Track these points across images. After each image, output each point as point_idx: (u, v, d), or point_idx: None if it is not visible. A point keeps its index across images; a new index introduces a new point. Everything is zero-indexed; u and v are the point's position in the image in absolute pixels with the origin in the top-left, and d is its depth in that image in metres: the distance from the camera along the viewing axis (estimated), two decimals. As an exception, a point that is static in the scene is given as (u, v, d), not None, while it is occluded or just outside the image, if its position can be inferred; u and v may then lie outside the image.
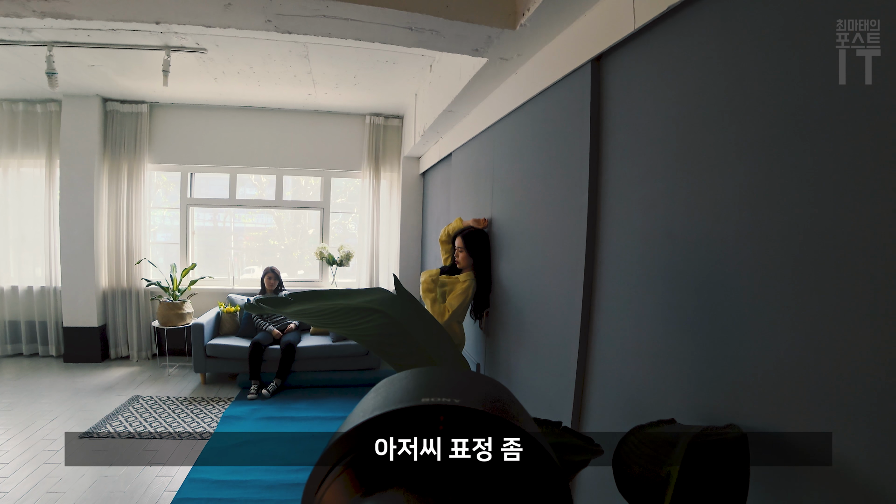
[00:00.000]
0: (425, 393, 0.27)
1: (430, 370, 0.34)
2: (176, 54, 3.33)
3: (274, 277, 4.62)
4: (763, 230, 0.86)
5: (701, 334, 1.02)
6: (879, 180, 0.66)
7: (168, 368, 4.61)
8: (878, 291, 0.67)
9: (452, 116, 3.04)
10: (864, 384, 0.69)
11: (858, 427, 0.70)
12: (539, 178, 1.92)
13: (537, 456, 0.25)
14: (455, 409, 0.25)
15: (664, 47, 1.18)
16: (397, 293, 0.86)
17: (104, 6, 1.65)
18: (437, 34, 1.75)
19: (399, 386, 0.29)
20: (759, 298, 0.87)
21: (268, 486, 2.65)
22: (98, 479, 2.64)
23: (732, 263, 0.94)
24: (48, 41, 3.15)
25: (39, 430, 3.19)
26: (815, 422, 0.76)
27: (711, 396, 1.00)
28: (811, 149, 0.76)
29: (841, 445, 0.72)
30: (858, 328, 0.70)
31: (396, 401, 0.26)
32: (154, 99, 4.70)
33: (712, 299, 0.99)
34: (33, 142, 4.66)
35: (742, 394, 0.91)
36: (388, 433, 0.25)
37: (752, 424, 0.88)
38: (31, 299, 4.79)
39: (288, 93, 4.34)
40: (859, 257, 0.69)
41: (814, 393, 0.77)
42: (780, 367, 0.83)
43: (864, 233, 0.68)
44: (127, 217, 4.74)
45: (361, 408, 0.28)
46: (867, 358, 0.68)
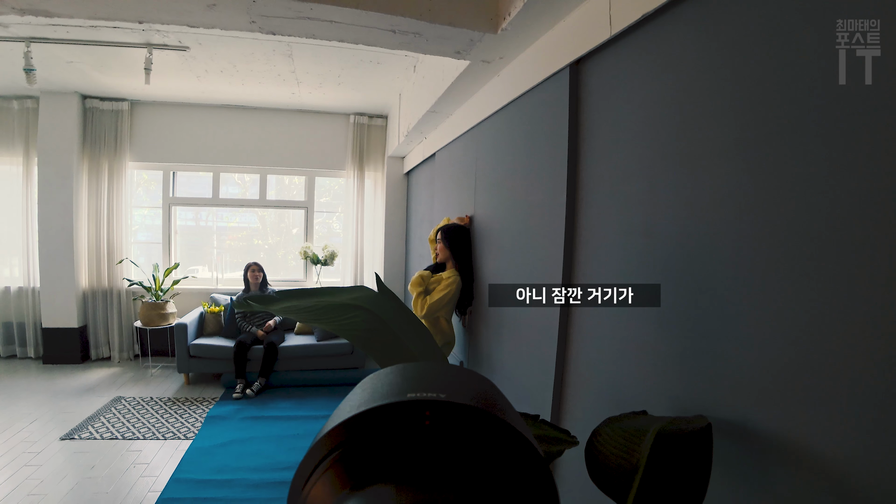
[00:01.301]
0: (411, 388, 0.27)
1: (416, 365, 0.34)
2: (158, 52, 3.30)
3: (258, 270, 4.53)
4: (743, 228, 0.90)
5: (677, 329, 1.07)
6: (879, 180, 0.68)
7: (151, 369, 4.56)
8: (862, 290, 0.69)
9: (436, 117, 3.07)
10: (842, 379, 0.72)
11: (833, 420, 0.73)
12: (520, 177, 1.96)
13: (523, 450, 0.25)
14: (441, 403, 0.25)
15: (641, 52, 1.23)
16: (379, 291, 0.89)
17: (85, 4, 1.65)
18: (419, 37, 1.78)
19: (385, 381, 0.29)
20: (735, 294, 0.91)
21: (253, 485, 2.65)
22: (80, 481, 2.61)
23: (709, 260, 0.98)
24: (25, 37, 3.10)
25: (18, 433, 3.14)
26: (790, 413, 0.80)
27: (686, 389, 1.04)
28: (809, 148, 0.77)
29: (812, 437, 0.76)
30: (835, 324, 0.72)
31: (382, 396, 0.26)
32: (135, 96, 4.63)
33: (688, 295, 1.04)
34: (9, 139, 4.56)
35: (714, 387, 0.96)
36: (375, 428, 0.25)
37: (725, 415, 0.92)
38: (8, 300, 4.69)
39: (271, 91, 4.33)
40: (853, 257, 0.71)
41: (790, 385, 0.80)
42: (754, 360, 0.87)
43: (864, 233, 0.69)
44: (108, 216, 4.67)
45: (348, 403, 0.28)
46: (847, 353, 0.71)
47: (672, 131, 1.10)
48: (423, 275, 2.59)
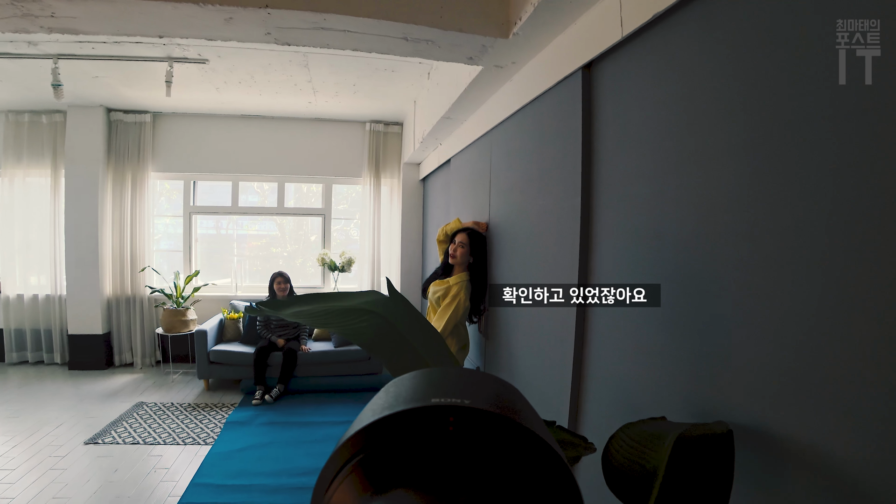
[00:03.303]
0: (435, 393, 0.27)
1: (439, 370, 0.34)
2: (178, 65, 3.39)
3: (284, 282, 4.48)
4: (753, 230, 0.88)
5: (693, 332, 1.05)
6: (879, 180, 0.67)
7: (172, 375, 4.65)
8: (873, 290, 0.68)
9: (451, 123, 3.08)
10: (855, 382, 0.70)
11: (848, 424, 0.71)
12: (534, 181, 1.96)
13: (547, 457, 0.25)
14: (464, 409, 0.25)
15: (652, 53, 1.22)
16: (390, 295, 0.90)
17: (109, 22, 1.70)
18: (432, 44, 1.79)
19: (409, 386, 0.29)
20: (749, 296, 0.89)
21: (271, 489, 2.67)
22: (103, 485, 2.66)
23: (722, 262, 0.96)
24: (54, 54, 3.21)
25: (45, 437, 3.23)
26: (805, 418, 0.78)
27: (704, 393, 1.02)
28: (810, 149, 0.76)
29: (829, 442, 0.74)
30: (850, 326, 0.71)
31: (406, 401, 0.26)
32: (157, 108, 4.76)
33: (702, 297, 1.02)
34: (38, 152, 4.72)
35: (733, 390, 0.94)
36: (398, 433, 0.25)
37: (742, 420, 0.90)
38: (36, 307, 4.83)
39: (289, 101, 4.40)
40: (856, 257, 0.70)
41: (804, 390, 0.78)
42: (770, 363, 0.85)
43: (864, 233, 0.69)
44: (131, 225, 4.79)
45: (371, 408, 0.28)
46: (859, 356, 0.69)
47: (681, 132, 1.09)
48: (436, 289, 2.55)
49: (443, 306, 2.44)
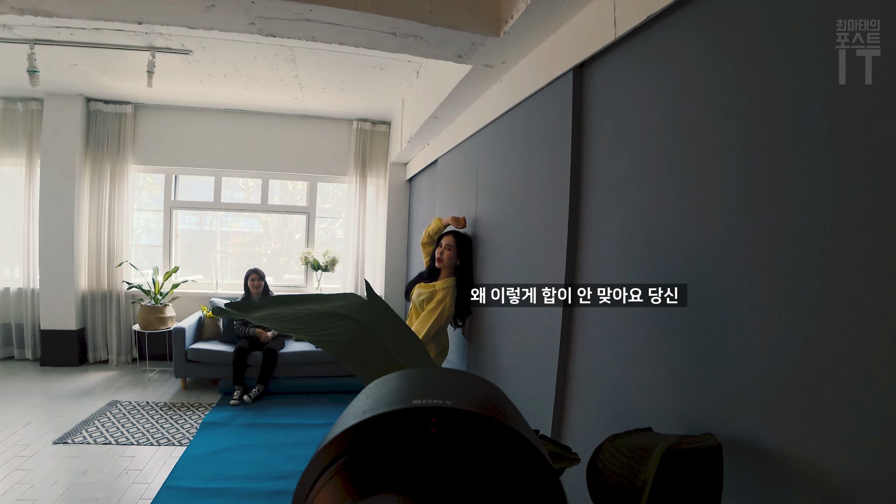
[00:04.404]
0: (417, 394, 0.27)
1: (422, 371, 0.33)
2: (161, 55, 3.29)
3: (258, 279, 4.41)
4: (749, 233, 0.86)
5: (682, 339, 1.03)
6: (879, 180, 0.66)
7: (148, 373, 4.53)
8: (872, 298, 0.66)
9: (439, 123, 3.04)
10: (851, 395, 0.68)
11: (844, 439, 0.69)
12: (522, 183, 1.93)
13: (531, 458, 0.25)
14: (447, 410, 0.25)
15: (646, 55, 1.20)
16: (368, 298, 0.85)
17: (84, 4, 1.63)
18: (420, 40, 1.75)
19: (390, 387, 0.29)
20: (742, 303, 0.87)
21: (248, 494, 2.60)
22: (71, 486, 2.56)
23: (715, 267, 0.94)
24: (30, 38, 3.10)
25: (12, 436, 3.10)
26: (796, 430, 0.76)
27: (691, 403, 0.99)
28: (810, 149, 0.75)
29: (823, 457, 0.72)
30: (846, 334, 0.69)
31: (387, 403, 0.26)
32: (139, 100, 4.64)
33: (694, 303, 1.00)
34: (13, 140, 4.57)
35: (722, 401, 0.91)
36: (380, 436, 0.24)
37: (730, 432, 0.88)
38: (7, 301, 4.67)
39: (275, 96, 4.32)
40: (855, 263, 0.69)
41: (798, 402, 0.76)
42: (762, 372, 0.83)
43: (864, 234, 0.68)
44: (109, 218, 4.66)
45: (352, 410, 0.27)
46: (855, 367, 0.68)
47: (675, 134, 1.06)
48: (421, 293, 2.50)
49: (427, 310, 2.40)
